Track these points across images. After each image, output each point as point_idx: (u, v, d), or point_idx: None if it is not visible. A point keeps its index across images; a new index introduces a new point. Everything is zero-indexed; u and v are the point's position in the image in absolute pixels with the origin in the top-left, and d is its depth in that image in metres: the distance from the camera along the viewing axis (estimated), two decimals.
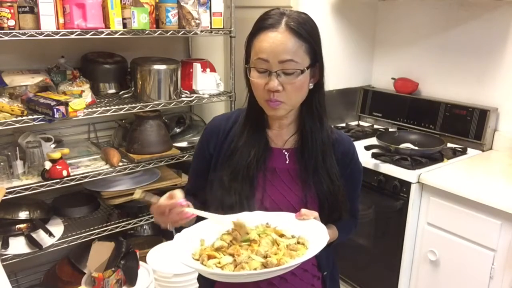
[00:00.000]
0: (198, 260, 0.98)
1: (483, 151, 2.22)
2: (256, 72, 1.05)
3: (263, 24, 1.04)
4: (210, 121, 1.23)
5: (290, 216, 1.07)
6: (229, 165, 1.13)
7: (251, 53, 1.07)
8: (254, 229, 1.04)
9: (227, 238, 1.02)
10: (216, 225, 1.07)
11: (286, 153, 1.16)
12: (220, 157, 1.16)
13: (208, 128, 1.21)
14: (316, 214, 1.05)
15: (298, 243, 1.01)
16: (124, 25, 1.90)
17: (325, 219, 1.16)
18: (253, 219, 1.07)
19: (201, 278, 1.27)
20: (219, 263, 0.95)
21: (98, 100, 2.06)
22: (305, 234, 1.02)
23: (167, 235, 2.52)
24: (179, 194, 1.03)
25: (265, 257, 0.95)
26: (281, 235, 1.03)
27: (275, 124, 1.16)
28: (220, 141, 1.17)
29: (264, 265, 0.93)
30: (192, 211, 1.02)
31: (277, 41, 1.01)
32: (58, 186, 1.85)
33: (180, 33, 2.07)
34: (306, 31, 1.03)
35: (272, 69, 1.02)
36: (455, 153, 2.17)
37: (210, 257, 0.97)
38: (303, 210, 1.05)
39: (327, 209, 1.14)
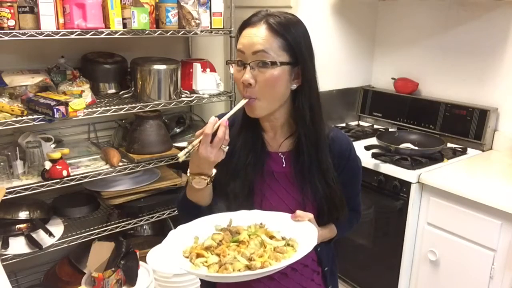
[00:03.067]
0: (187, 257, 0.99)
1: (483, 151, 2.22)
2: (235, 66, 1.08)
3: (246, 22, 1.07)
4: None
5: (286, 216, 1.07)
6: (227, 167, 1.12)
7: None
8: (246, 230, 1.04)
9: (217, 238, 1.03)
10: (211, 223, 1.08)
11: (282, 156, 1.16)
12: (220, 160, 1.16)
13: None
14: (310, 216, 1.05)
15: (288, 245, 1.01)
16: (124, 25, 1.90)
17: (325, 220, 1.17)
18: (249, 218, 1.08)
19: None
20: (206, 262, 0.96)
21: (98, 100, 2.06)
22: (296, 236, 1.02)
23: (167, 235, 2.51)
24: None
25: (250, 259, 0.95)
26: (271, 237, 1.03)
27: (267, 126, 1.15)
28: None
29: (248, 267, 0.94)
30: (225, 117, 1.00)
31: (253, 34, 1.04)
32: (58, 186, 1.85)
33: (180, 33, 2.07)
34: (284, 29, 1.04)
35: (247, 60, 1.04)
36: (455, 153, 2.17)
37: (199, 255, 0.98)
38: (298, 212, 1.05)
39: (326, 210, 1.15)
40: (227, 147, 1.01)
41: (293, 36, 1.04)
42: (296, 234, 1.03)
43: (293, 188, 1.14)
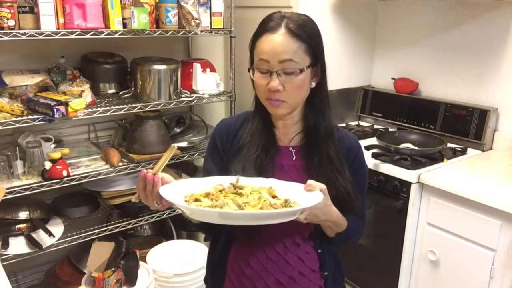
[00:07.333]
0: (186, 201, 1.02)
1: (483, 151, 2.22)
2: (258, 73, 1.10)
3: (264, 27, 1.09)
4: (219, 123, 1.26)
5: (299, 187, 1.05)
6: (237, 160, 1.15)
7: (254, 55, 1.12)
8: (251, 187, 1.06)
9: (218, 188, 1.06)
10: (227, 181, 1.09)
11: (292, 150, 1.19)
12: (230, 154, 1.19)
13: (219, 129, 1.24)
14: (323, 186, 1.03)
15: (290, 206, 1.00)
16: (124, 25, 1.90)
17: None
18: (263, 183, 1.08)
19: (208, 279, 1.28)
20: (200, 205, 0.99)
21: (98, 100, 2.06)
22: (301, 201, 1.01)
23: (167, 235, 2.52)
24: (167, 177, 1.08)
25: (240, 207, 0.96)
26: (274, 196, 1.04)
27: (280, 123, 1.18)
28: (230, 139, 1.20)
29: None
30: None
31: (277, 42, 1.06)
32: (58, 186, 1.85)
33: (180, 33, 2.07)
34: (305, 32, 1.07)
35: (273, 69, 1.07)
36: (455, 153, 2.17)
37: (196, 200, 1.01)
38: (310, 181, 1.03)
39: (337, 202, 1.13)
40: (160, 203, 1.06)
41: (312, 37, 1.09)
42: (301, 200, 1.01)
43: (303, 180, 1.13)
